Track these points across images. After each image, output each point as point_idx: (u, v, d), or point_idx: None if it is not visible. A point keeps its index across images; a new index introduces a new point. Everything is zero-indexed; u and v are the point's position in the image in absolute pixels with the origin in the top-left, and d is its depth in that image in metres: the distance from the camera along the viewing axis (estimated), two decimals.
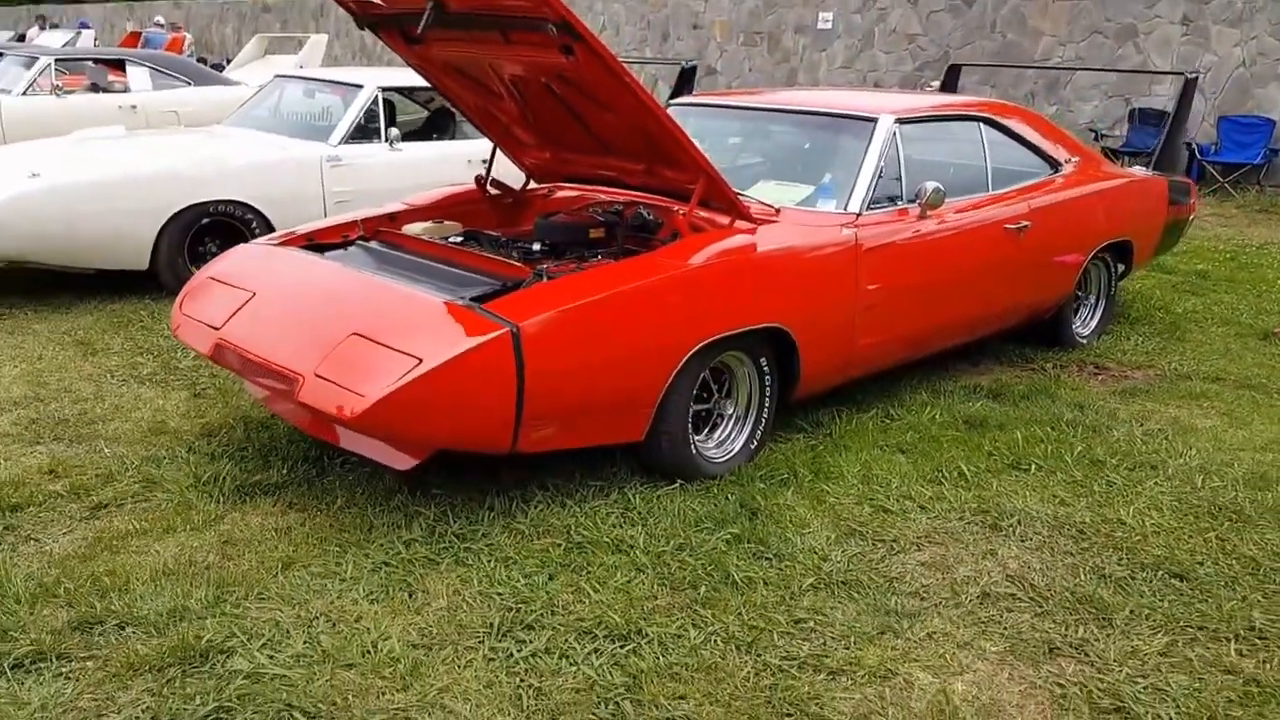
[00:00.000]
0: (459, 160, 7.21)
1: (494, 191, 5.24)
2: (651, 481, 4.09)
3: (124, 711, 2.75)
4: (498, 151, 5.20)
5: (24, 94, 10.79)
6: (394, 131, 7.39)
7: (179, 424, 4.61)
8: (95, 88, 11.57)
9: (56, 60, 11.27)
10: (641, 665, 2.98)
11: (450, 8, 3.96)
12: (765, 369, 4.33)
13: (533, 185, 5.34)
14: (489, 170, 5.22)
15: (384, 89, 7.50)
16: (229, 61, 17.23)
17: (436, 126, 8.23)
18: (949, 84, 7.15)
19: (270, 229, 6.56)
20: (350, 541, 3.61)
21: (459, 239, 4.70)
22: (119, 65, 11.86)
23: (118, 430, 4.54)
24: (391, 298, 3.85)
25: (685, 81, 7.82)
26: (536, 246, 4.56)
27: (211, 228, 6.71)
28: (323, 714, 2.76)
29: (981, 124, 5.36)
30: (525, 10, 3.76)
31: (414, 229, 4.80)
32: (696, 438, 4.18)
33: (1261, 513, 3.95)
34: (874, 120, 4.82)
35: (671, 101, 5.90)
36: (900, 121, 4.86)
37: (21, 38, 23.50)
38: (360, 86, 7.50)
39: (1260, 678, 3.00)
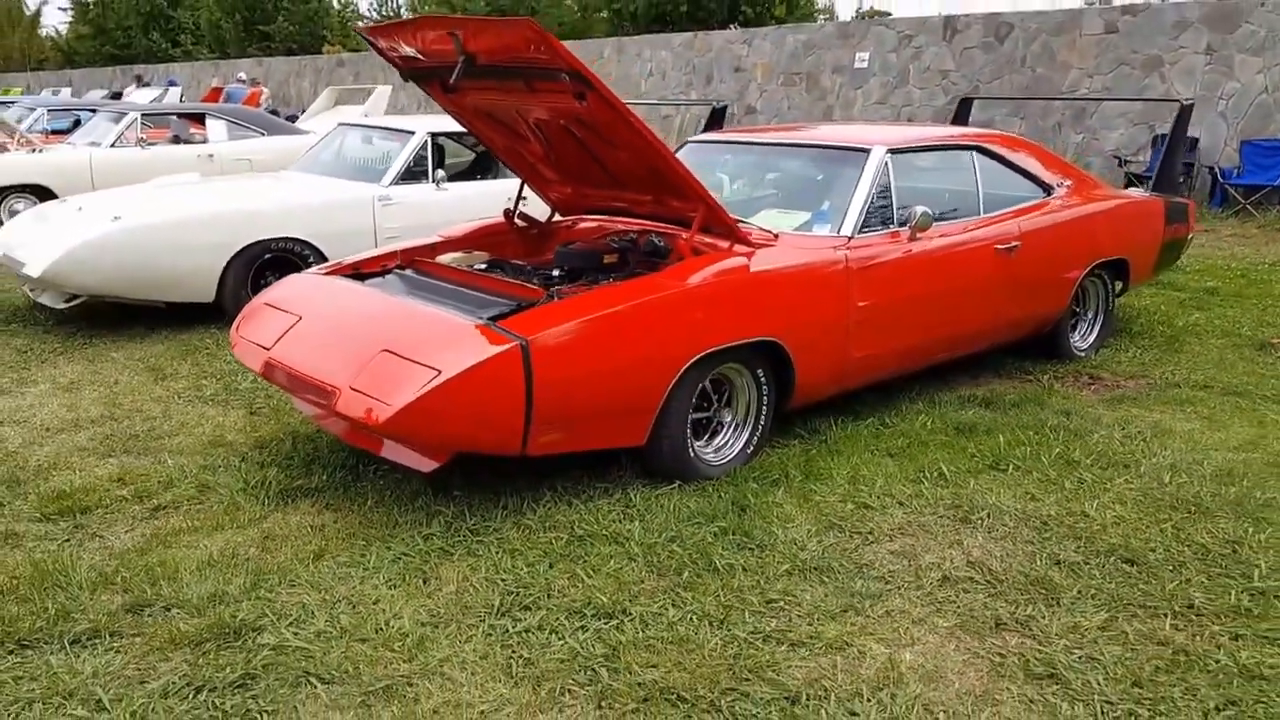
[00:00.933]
0: (499, 198, 7.59)
1: (521, 224, 5.68)
2: (652, 483, 4.45)
3: (163, 678, 3.15)
4: (525, 187, 5.66)
5: (112, 146, 11.62)
6: (440, 173, 7.94)
7: (235, 437, 5.10)
8: (177, 139, 12.36)
9: (142, 115, 12.10)
10: (621, 639, 3.33)
11: (479, 61, 4.42)
12: (762, 380, 4.69)
13: (558, 218, 5.78)
14: (516, 204, 5.67)
15: (433, 134, 8.05)
16: (303, 113, 18.05)
17: (481, 167, 8.74)
18: (960, 116, 7.46)
19: (326, 262, 7.08)
20: (375, 536, 4.02)
21: (482, 266, 5.15)
22: (199, 119, 12.67)
23: (181, 444, 5.03)
24: (419, 318, 4.30)
25: (716, 121, 8.21)
26: (556, 272, 4.99)
27: (272, 263, 7.27)
28: (335, 680, 3.14)
29: (974, 152, 5.69)
30: (542, 62, 4.22)
31: (446, 258, 5.27)
32: (697, 443, 4.55)
33: (1221, 505, 4.21)
34: (867, 151, 5.18)
35: (689, 139, 6.31)
36: (893, 152, 5.21)
37: (116, 95, 24.83)
38: (412, 133, 8.07)
39: (1189, 648, 3.26)
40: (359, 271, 5.15)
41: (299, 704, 3.03)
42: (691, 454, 4.49)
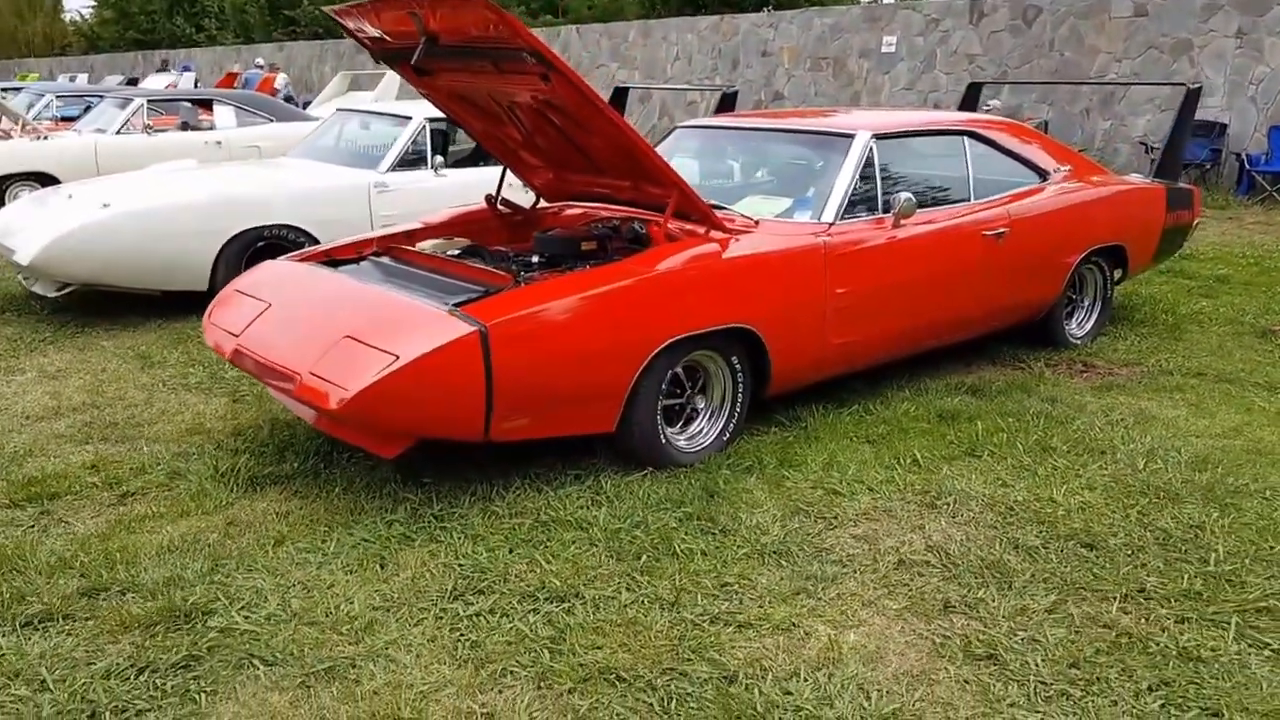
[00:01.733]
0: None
1: (504, 210, 5.67)
2: (625, 469, 4.42)
3: (109, 659, 3.16)
4: (508, 172, 5.64)
5: (118, 132, 11.68)
6: (439, 159, 7.92)
7: (213, 425, 5.12)
8: (185, 126, 12.37)
9: (149, 101, 12.16)
10: (570, 621, 3.32)
11: (441, 41, 4.40)
12: (737, 367, 4.64)
13: (543, 204, 5.76)
14: (499, 190, 5.66)
15: (431, 120, 8.03)
16: None
17: (484, 154, 8.71)
18: (969, 101, 7.36)
19: None
20: (338, 523, 4.02)
21: (455, 253, 5.14)
22: (208, 104, 12.70)
23: (159, 431, 5.06)
24: (383, 304, 4.29)
25: (727, 105, 8.17)
26: (535, 259, 4.97)
27: (266, 250, 7.21)
28: (279, 661, 3.15)
29: (966, 138, 5.61)
30: (503, 42, 4.19)
31: (424, 245, 5.26)
32: (671, 430, 4.52)
33: (1191, 491, 4.15)
34: (851, 136, 5.12)
35: (679, 125, 6.28)
36: (878, 137, 5.14)
37: (133, 81, 25.02)
38: (409, 118, 8.06)
39: (1133, 631, 3.23)
40: (333, 258, 5.16)
41: (239, 685, 3.04)
42: (663, 441, 4.46)
